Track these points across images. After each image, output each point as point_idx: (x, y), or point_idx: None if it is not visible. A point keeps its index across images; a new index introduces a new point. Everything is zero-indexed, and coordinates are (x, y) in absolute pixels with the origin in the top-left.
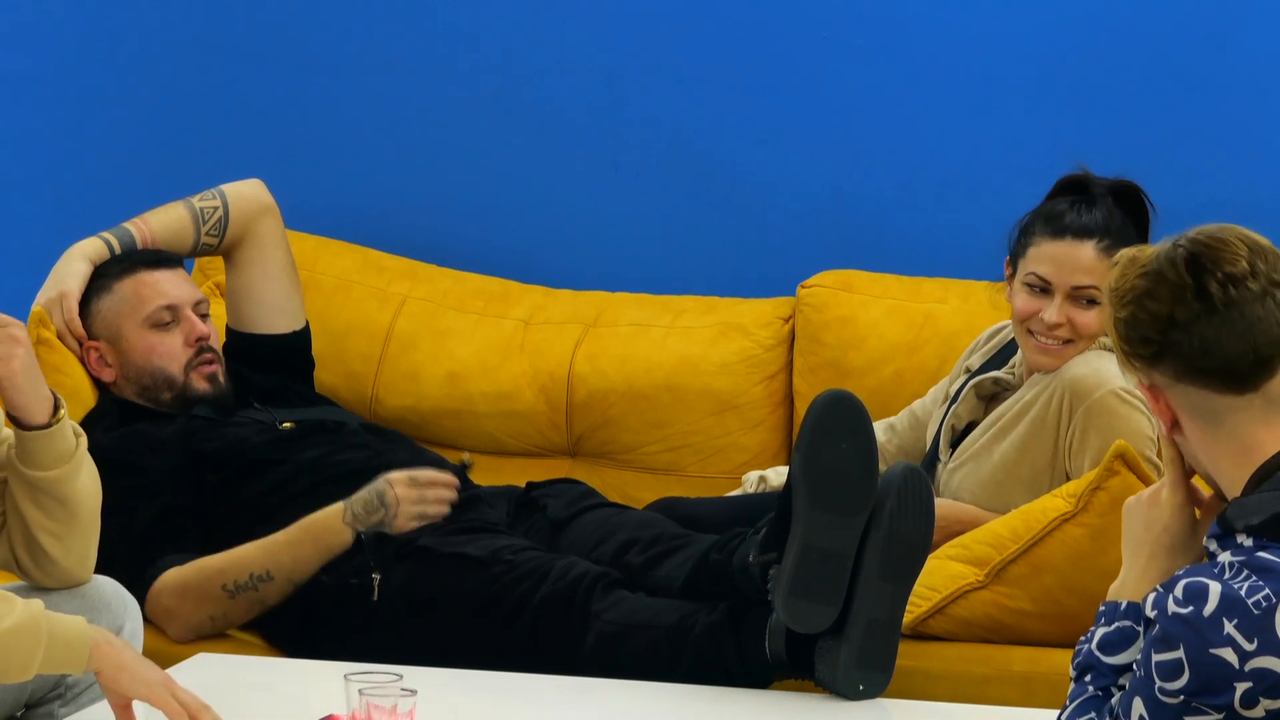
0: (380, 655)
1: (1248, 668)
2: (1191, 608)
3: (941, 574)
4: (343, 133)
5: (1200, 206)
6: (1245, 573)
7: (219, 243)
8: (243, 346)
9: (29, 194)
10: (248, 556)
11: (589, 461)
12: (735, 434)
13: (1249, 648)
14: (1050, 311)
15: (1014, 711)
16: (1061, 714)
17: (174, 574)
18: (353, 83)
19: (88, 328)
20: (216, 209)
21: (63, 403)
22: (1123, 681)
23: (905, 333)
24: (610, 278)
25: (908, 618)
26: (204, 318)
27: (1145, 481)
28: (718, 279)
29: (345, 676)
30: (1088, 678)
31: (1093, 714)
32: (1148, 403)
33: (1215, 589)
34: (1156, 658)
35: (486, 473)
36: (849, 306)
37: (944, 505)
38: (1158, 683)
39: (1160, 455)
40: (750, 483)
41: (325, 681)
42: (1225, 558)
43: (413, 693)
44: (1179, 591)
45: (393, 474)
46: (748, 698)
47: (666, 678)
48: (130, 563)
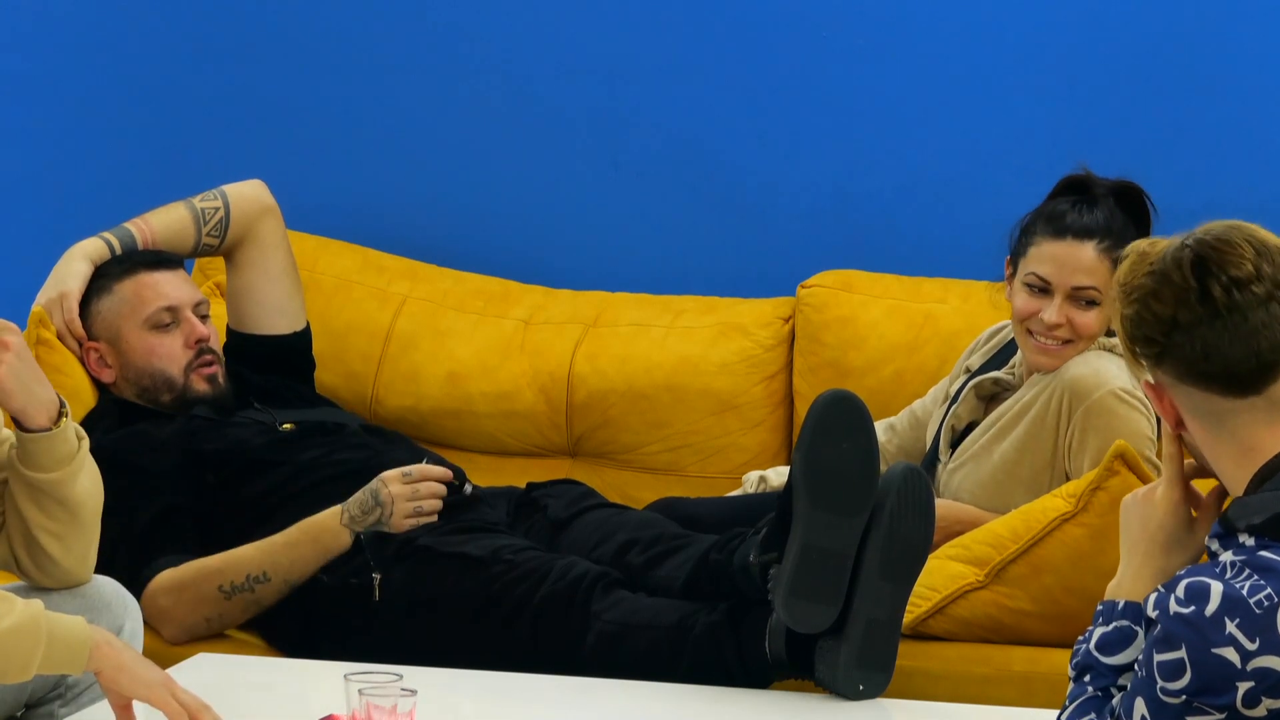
0: (380, 655)
1: (1250, 667)
2: (1193, 607)
3: (941, 574)
4: (343, 133)
5: (1201, 206)
6: (1247, 572)
7: (220, 243)
8: (243, 347)
9: (29, 194)
10: (245, 558)
11: (589, 462)
12: (735, 434)
13: (1251, 647)
14: (1050, 312)
15: (1014, 711)
16: (1061, 714)
17: (169, 575)
18: (353, 83)
19: (88, 328)
20: (218, 209)
21: (67, 408)
22: (1122, 681)
23: (905, 333)
24: (610, 278)
25: (908, 618)
26: (204, 319)
27: (1145, 481)
28: (718, 279)
29: (345, 676)
30: (1087, 678)
31: (1092, 714)
32: (1152, 401)
33: (1217, 588)
34: (1158, 658)
35: (486, 473)
36: (849, 306)
37: (944, 505)
38: (1159, 683)
39: (1159, 454)
40: (750, 483)
41: (325, 681)
42: (1227, 557)
43: (413, 693)
44: (1181, 591)
45: (386, 473)
46: (748, 698)
47: (666, 678)
48: (130, 563)
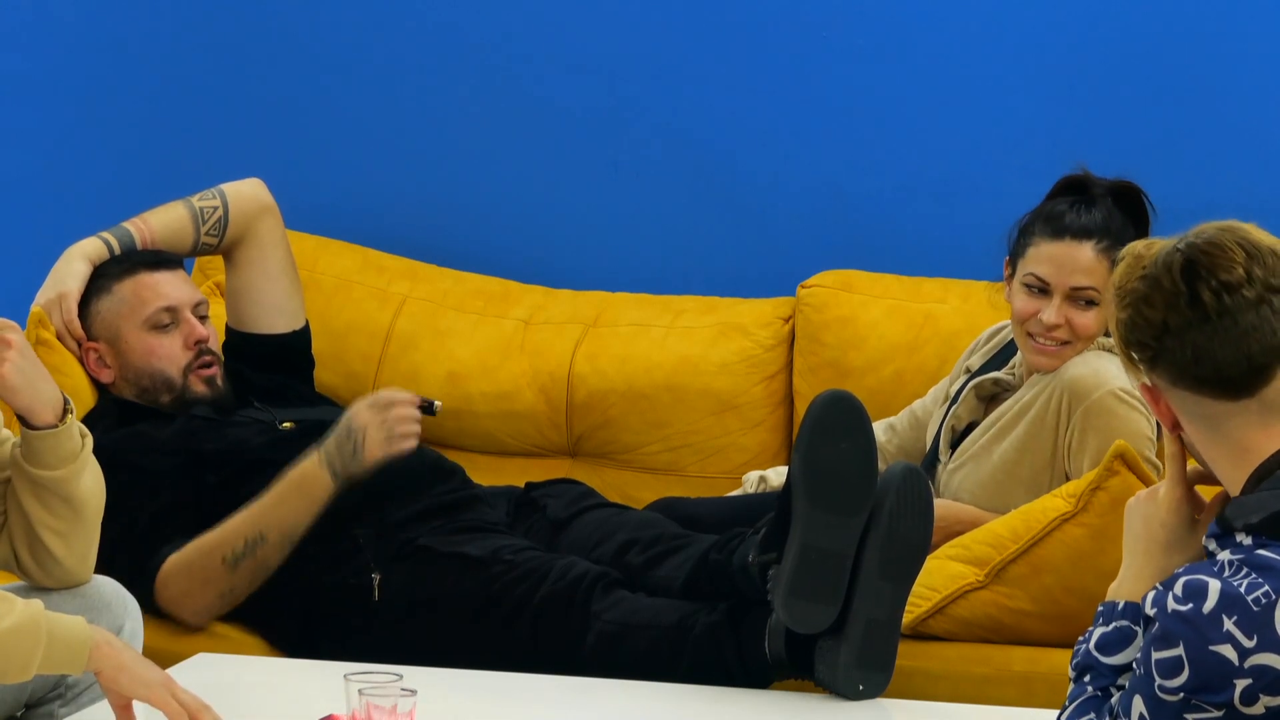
0: (380, 655)
1: (1247, 664)
2: (1191, 605)
3: (941, 574)
4: (343, 133)
5: (1200, 206)
6: (1244, 570)
7: (219, 242)
8: (243, 346)
9: (29, 194)
10: (239, 524)
11: (589, 461)
12: (735, 434)
13: (1248, 645)
14: (1049, 312)
15: (1014, 711)
16: (1061, 714)
17: (175, 559)
18: (353, 83)
19: (87, 329)
20: (216, 209)
21: (72, 405)
22: (1122, 681)
23: (905, 333)
24: (610, 278)
25: (908, 618)
26: (203, 319)
27: (1145, 481)
28: (718, 279)
29: (345, 676)
30: (1087, 678)
31: (1092, 714)
32: (1148, 403)
33: (1215, 586)
34: (1156, 655)
35: (486, 473)
36: (849, 306)
37: (944, 505)
38: (1157, 680)
39: (1159, 454)
40: (750, 483)
41: (325, 681)
42: (1224, 556)
43: (413, 693)
44: (1178, 589)
45: (355, 403)
46: (748, 698)
47: (666, 678)
48: (130, 563)
